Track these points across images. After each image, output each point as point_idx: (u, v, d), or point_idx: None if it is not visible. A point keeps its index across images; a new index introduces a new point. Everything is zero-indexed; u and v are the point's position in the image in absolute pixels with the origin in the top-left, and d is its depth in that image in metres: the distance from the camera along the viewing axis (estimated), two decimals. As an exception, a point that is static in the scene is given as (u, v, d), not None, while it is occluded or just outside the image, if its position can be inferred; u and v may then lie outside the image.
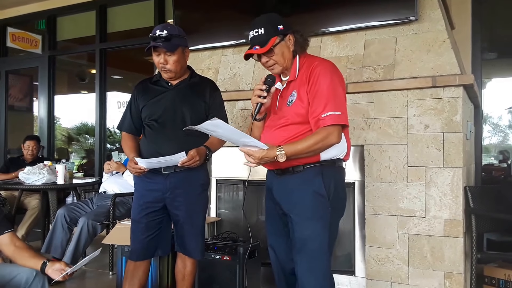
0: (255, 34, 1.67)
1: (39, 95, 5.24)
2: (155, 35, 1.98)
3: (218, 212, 3.17)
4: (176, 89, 2.12)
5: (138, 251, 2.14)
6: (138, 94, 2.15)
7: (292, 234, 1.71)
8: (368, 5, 2.77)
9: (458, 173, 2.39)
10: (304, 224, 1.67)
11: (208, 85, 2.21)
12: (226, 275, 2.51)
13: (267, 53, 1.68)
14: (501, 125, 4.95)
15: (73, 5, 4.89)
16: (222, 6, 3.27)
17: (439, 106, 2.43)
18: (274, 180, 1.78)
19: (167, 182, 2.07)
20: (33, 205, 3.90)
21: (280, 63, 1.70)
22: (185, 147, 2.01)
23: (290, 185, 1.71)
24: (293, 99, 1.68)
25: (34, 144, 4.20)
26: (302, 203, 1.68)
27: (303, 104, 1.65)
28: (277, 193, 1.77)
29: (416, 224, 2.47)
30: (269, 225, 1.88)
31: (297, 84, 1.70)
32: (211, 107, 2.15)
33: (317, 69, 1.65)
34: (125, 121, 2.20)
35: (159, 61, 2.02)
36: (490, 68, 4.00)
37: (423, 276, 2.44)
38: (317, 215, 1.67)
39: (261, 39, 1.66)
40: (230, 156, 3.07)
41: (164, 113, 2.08)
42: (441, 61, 2.52)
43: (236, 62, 3.17)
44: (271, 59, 1.69)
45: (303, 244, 1.67)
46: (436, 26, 2.61)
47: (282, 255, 1.82)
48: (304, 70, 1.70)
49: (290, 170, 1.69)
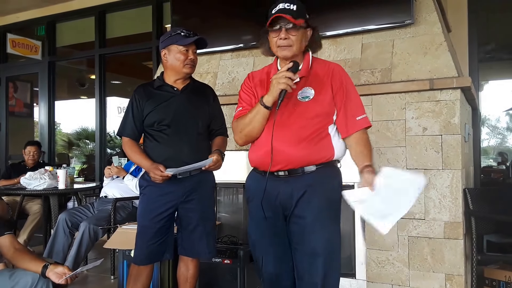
0: (286, 7, 1.58)
1: (40, 101, 5.27)
2: (186, 33, 2.08)
3: (218, 215, 3.17)
4: (184, 94, 2.15)
5: (145, 256, 2.14)
6: (141, 99, 2.14)
7: (303, 238, 1.61)
8: (364, 9, 2.80)
9: (457, 175, 2.40)
10: (322, 227, 1.60)
11: (210, 90, 2.29)
12: (227, 278, 2.52)
13: (291, 29, 1.58)
14: (499, 127, 4.96)
15: (72, 11, 4.92)
16: (220, 11, 3.29)
17: (437, 109, 2.45)
18: (278, 183, 1.63)
19: (183, 187, 2.09)
20: (35, 210, 3.91)
21: (296, 47, 1.61)
22: (201, 151, 2.11)
23: (306, 187, 1.60)
24: (309, 95, 1.62)
25: (35, 150, 4.22)
26: (320, 205, 1.60)
27: (325, 100, 1.62)
28: (286, 197, 1.63)
29: (416, 226, 2.48)
30: (258, 234, 1.72)
31: (311, 82, 1.64)
32: (213, 111, 2.23)
33: (341, 73, 1.67)
34: (127, 126, 2.17)
35: (188, 56, 2.09)
36: (488, 70, 4.02)
37: (423, 278, 2.45)
38: (334, 217, 1.64)
39: (292, 13, 1.57)
40: (229, 159, 3.08)
41: (176, 118, 2.10)
42: (438, 64, 2.54)
43: (235, 66, 3.19)
44: (291, 37, 1.59)
45: (321, 247, 1.59)
46: (432, 29, 2.63)
47: (270, 266, 1.71)
48: (318, 70, 1.67)
49: (299, 171, 1.61)
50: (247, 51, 3.17)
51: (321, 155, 1.61)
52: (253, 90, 1.74)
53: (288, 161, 1.60)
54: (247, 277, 2.50)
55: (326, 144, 1.62)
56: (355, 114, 1.63)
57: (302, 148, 1.59)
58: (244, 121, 1.67)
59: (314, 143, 1.60)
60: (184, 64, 2.09)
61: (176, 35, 2.08)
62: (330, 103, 1.63)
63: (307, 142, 1.59)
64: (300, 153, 1.59)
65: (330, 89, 1.63)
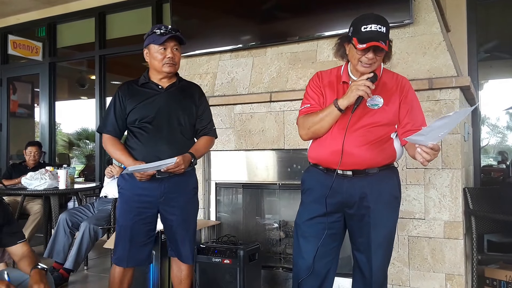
0: (379, 30, 1.65)
1: (40, 101, 5.28)
2: (162, 31, 2.02)
3: (218, 215, 3.18)
4: (168, 92, 2.12)
5: (128, 257, 2.08)
6: (124, 97, 2.10)
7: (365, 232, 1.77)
8: (363, 9, 2.79)
9: (457, 175, 2.40)
10: (384, 223, 1.77)
11: (197, 89, 2.24)
12: (226, 278, 2.51)
13: (379, 52, 1.68)
14: (499, 126, 4.93)
15: (73, 13, 4.94)
16: (219, 12, 3.29)
17: (436, 108, 2.45)
18: (342, 181, 1.75)
19: (162, 187, 2.06)
20: (36, 210, 3.92)
21: (378, 65, 1.73)
22: (182, 150, 2.05)
23: (370, 185, 1.75)
24: (378, 104, 1.74)
25: (36, 150, 4.23)
26: (384, 203, 1.76)
27: (391, 111, 1.75)
28: (350, 194, 1.76)
29: (416, 226, 2.48)
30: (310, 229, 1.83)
31: (380, 91, 1.75)
32: (199, 110, 2.19)
33: (408, 87, 1.79)
34: (109, 123, 2.11)
35: (166, 55, 2.04)
36: (487, 69, 4.01)
37: (424, 278, 2.45)
38: (394, 215, 1.82)
39: (384, 37, 1.66)
40: (230, 159, 3.09)
41: (158, 116, 2.07)
42: (437, 63, 2.53)
43: (234, 66, 3.20)
44: (377, 59, 1.69)
45: (381, 242, 1.77)
46: (431, 29, 2.63)
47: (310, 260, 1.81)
48: (386, 80, 1.79)
49: (364, 172, 1.75)
50: (246, 51, 3.18)
51: (384, 158, 1.76)
52: (322, 90, 1.83)
53: (355, 162, 1.72)
54: (247, 277, 2.50)
55: (389, 148, 1.76)
56: (422, 123, 1.76)
57: (368, 151, 1.71)
58: (314, 119, 1.76)
59: (379, 147, 1.73)
60: (162, 63, 2.05)
61: (153, 34, 2.05)
62: (395, 113, 1.75)
63: (373, 146, 1.72)
64: (366, 156, 1.72)
65: (398, 100, 1.76)
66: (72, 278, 3.17)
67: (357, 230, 1.80)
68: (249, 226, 3.15)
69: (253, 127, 2.95)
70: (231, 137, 3.03)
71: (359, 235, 1.80)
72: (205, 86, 3.25)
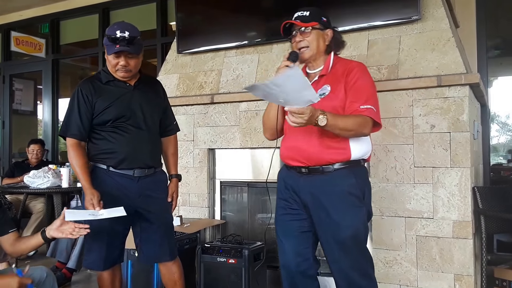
0: (299, 14, 1.75)
1: (43, 99, 5.27)
2: (115, 37, 1.87)
3: (223, 214, 3.15)
4: (137, 90, 2.04)
5: (104, 260, 2.01)
6: (90, 95, 1.95)
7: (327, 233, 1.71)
8: (370, 5, 2.75)
9: (466, 173, 2.36)
10: (342, 224, 1.68)
11: (160, 85, 2.21)
12: (231, 278, 2.49)
13: (304, 32, 1.73)
14: (509, 124, 4.87)
15: (76, 9, 4.92)
16: (224, 8, 3.26)
17: (445, 106, 2.40)
18: (299, 180, 1.74)
19: (138, 186, 2.00)
20: (38, 209, 3.91)
21: (312, 48, 1.74)
22: (157, 147, 2.11)
23: (324, 185, 1.69)
24: (325, 92, 1.71)
25: (38, 148, 4.21)
26: (339, 203, 1.68)
27: (338, 98, 1.70)
28: (306, 193, 1.73)
29: (424, 225, 2.44)
30: (282, 226, 1.83)
31: (329, 79, 1.74)
32: (164, 107, 2.17)
33: (358, 68, 1.73)
34: (72, 126, 1.95)
35: (119, 62, 1.92)
36: (497, 66, 3.96)
37: (432, 279, 2.41)
38: (354, 215, 1.70)
39: (304, 18, 1.73)
40: (235, 157, 3.06)
41: (134, 115, 1.99)
42: (446, 60, 2.49)
43: (239, 63, 3.16)
44: (306, 39, 1.73)
45: (343, 244, 1.68)
46: (440, 25, 2.58)
47: (290, 256, 1.80)
48: (338, 68, 1.75)
49: (319, 169, 1.69)
50: (251, 48, 3.14)
51: (338, 153, 1.68)
52: None
53: (306, 157, 1.70)
54: (252, 277, 2.47)
55: (342, 142, 1.68)
56: (362, 103, 1.65)
57: (318, 146, 1.67)
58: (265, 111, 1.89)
59: (331, 140, 1.66)
60: (115, 69, 1.96)
61: (106, 39, 1.91)
62: (342, 99, 1.68)
63: (324, 140, 1.66)
64: (315, 150, 1.67)
65: (343, 84, 1.70)
66: (75, 277, 3.16)
67: (318, 230, 1.74)
68: (255, 225, 3.12)
69: (259, 124, 2.91)
70: (236, 135, 3.00)
71: (320, 235, 1.74)
72: (210, 83, 3.22)
